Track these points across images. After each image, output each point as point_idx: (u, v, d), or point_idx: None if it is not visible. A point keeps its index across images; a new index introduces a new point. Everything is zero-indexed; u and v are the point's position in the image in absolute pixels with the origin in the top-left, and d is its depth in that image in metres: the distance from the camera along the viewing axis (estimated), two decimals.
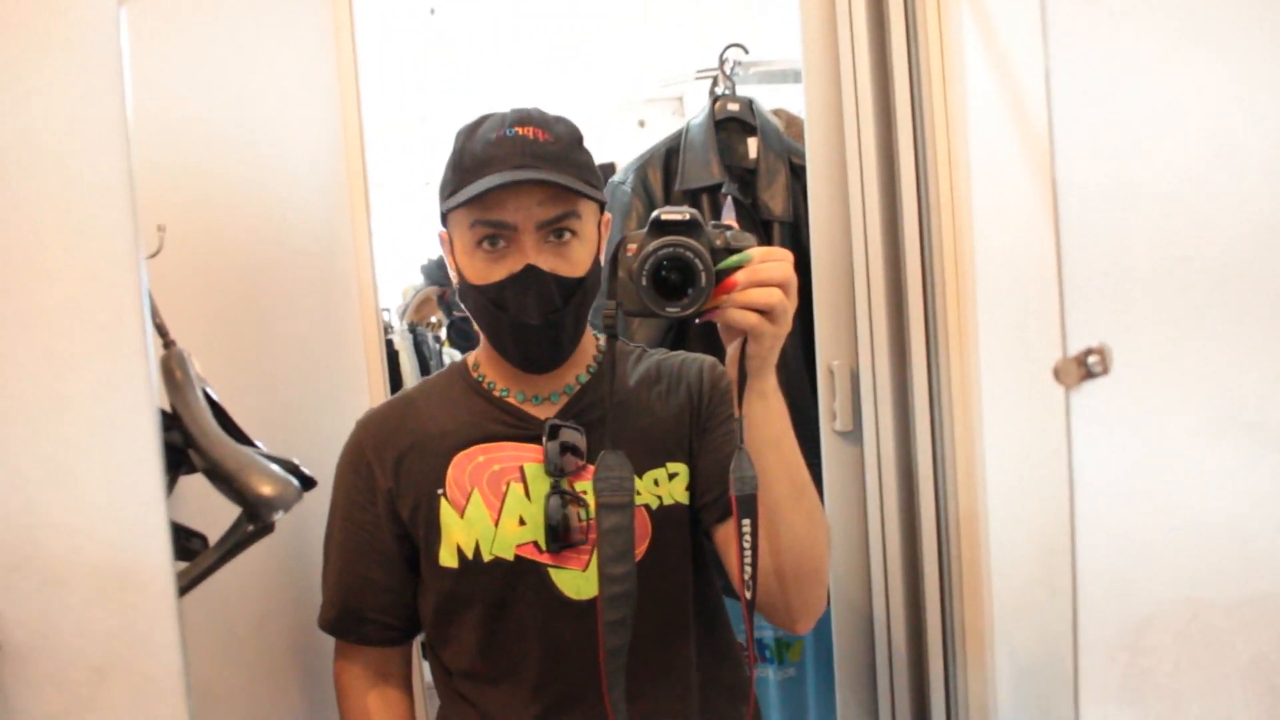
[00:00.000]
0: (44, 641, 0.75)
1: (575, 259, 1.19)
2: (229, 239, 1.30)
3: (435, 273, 4.63)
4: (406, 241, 4.64)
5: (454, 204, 1.17)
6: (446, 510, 1.22)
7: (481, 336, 1.27)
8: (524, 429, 1.24)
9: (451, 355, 4.38)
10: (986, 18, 1.41)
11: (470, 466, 1.23)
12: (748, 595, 1.06)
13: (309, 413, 1.50)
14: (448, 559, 1.22)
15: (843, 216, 1.72)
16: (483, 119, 1.22)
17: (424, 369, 4.18)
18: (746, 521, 1.05)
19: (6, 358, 0.74)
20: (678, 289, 1.02)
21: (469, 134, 1.21)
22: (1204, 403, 0.81)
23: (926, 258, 1.61)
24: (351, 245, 1.77)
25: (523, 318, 1.16)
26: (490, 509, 1.21)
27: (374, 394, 1.79)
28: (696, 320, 1.06)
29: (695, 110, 2.30)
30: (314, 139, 1.68)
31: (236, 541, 0.83)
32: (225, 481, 0.82)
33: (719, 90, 2.26)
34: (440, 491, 1.23)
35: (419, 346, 4.24)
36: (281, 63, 1.55)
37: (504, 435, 1.25)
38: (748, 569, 1.06)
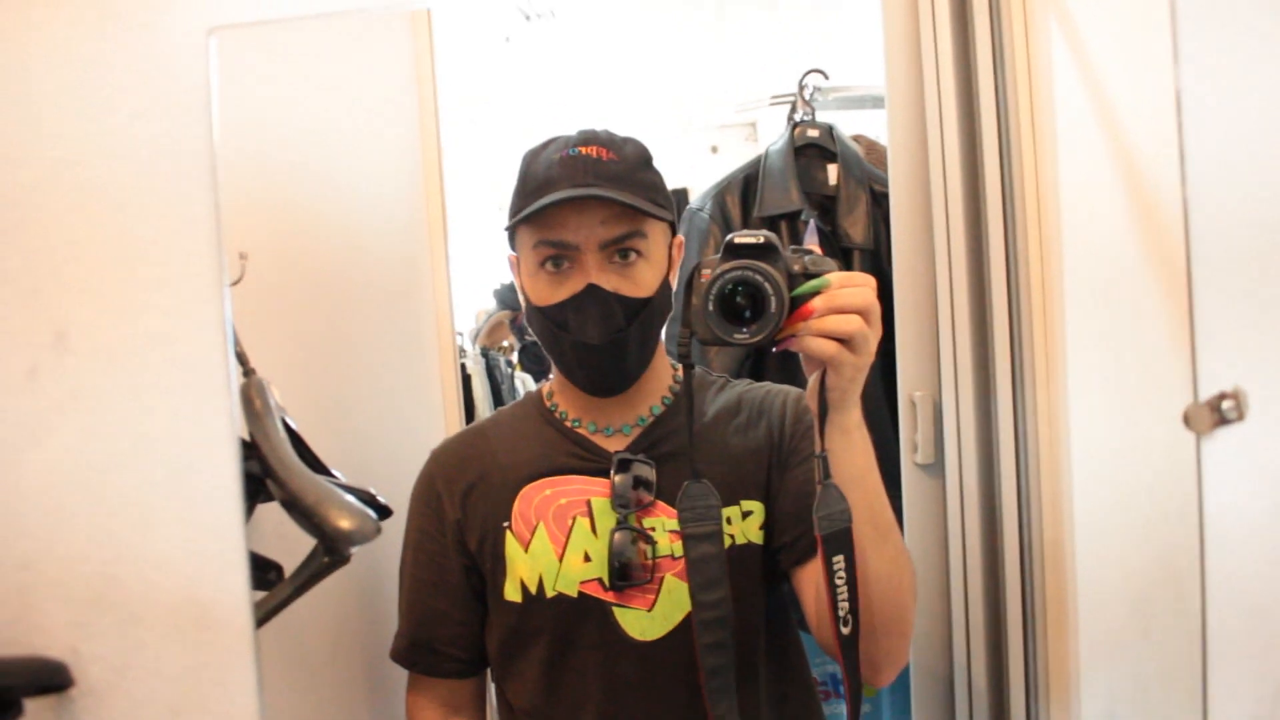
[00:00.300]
0: (120, 679, 0.74)
1: (641, 280, 1.17)
2: (309, 266, 1.31)
3: (508, 297, 4.66)
4: (481, 264, 4.68)
5: (515, 223, 1.15)
6: (512, 544, 1.20)
7: (553, 363, 1.25)
8: (594, 462, 1.22)
9: (523, 379, 4.39)
10: (1076, 37, 1.37)
11: (537, 499, 1.21)
12: (845, 631, 1.01)
13: (386, 439, 1.51)
14: (512, 593, 1.21)
15: (926, 244, 1.68)
16: (549, 141, 1.21)
17: (496, 393, 4.20)
18: (839, 558, 1.00)
19: (91, 392, 0.74)
20: (748, 314, 0.98)
21: (534, 156, 1.20)
22: None
23: (1012, 286, 1.56)
24: (429, 269, 1.78)
25: (583, 338, 1.14)
26: (555, 544, 1.19)
27: (449, 418, 1.79)
28: (773, 349, 1.01)
29: (769, 136, 2.29)
30: (394, 163, 1.70)
31: (312, 573, 0.82)
32: (303, 514, 0.81)
33: (798, 116, 2.24)
34: (506, 524, 1.21)
35: (491, 371, 4.26)
36: (364, 89, 1.57)
37: (573, 468, 1.22)
38: (843, 605, 1.00)
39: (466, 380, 3.69)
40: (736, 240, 1.00)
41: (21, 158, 0.76)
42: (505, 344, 4.77)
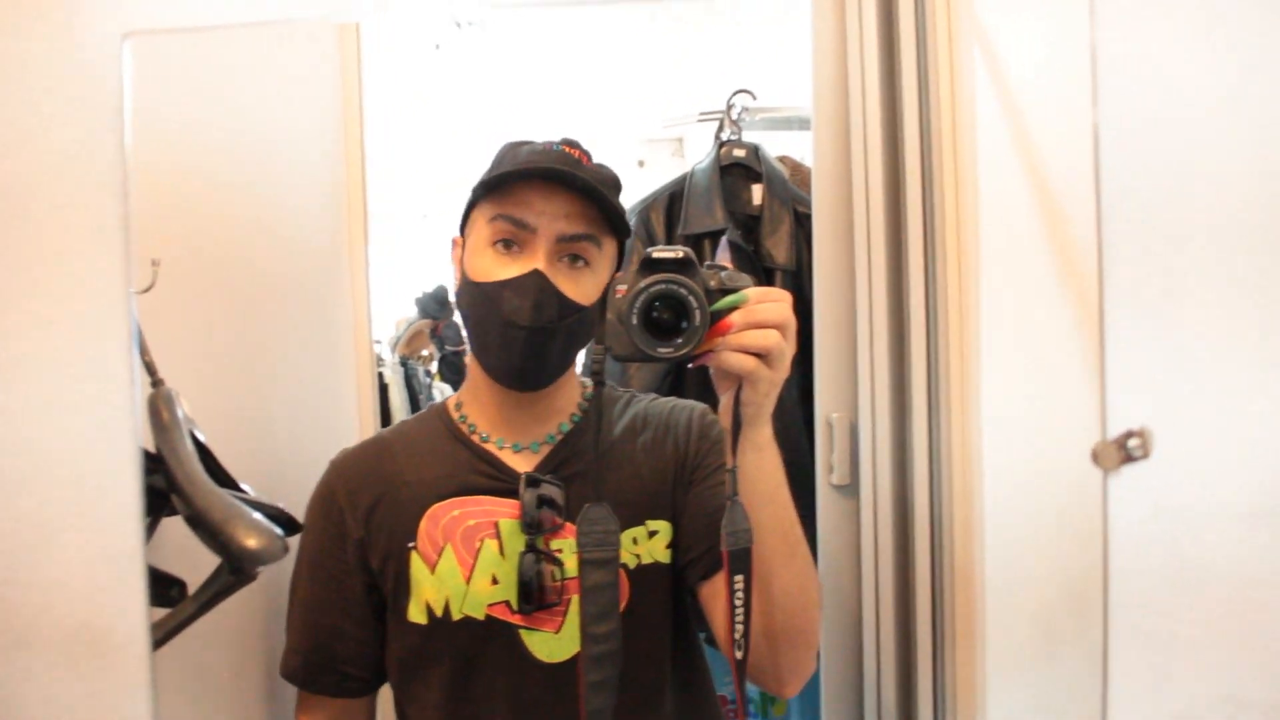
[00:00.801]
0: (4, 711, 0.71)
1: (583, 288, 1.16)
2: (226, 273, 1.28)
3: (430, 306, 4.61)
4: (402, 274, 4.63)
5: (481, 192, 1.14)
6: (418, 565, 1.18)
7: (469, 369, 1.23)
8: (502, 482, 1.20)
9: (442, 389, 4.35)
10: (998, 67, 1.40)
11: (445, 520, 1.19)
12: (738, 655, 1.02)
13: (300, 450, 1.48)
14: (416, 615, 1.18)
15: (847, 267, 1.69)
16: (530, 140, 1.20)
17: (414, 402, 4.15)
18: (739, 578, 1.01)
19: None
20: (670, 329, 0.98)
21: (514, 146, 1.20)
22: (1248, 488, 0.79)
23: (930, 311, 1.59)
24: (348, 276, 1.75)
25: (516, 318, 1.11)
26: (463, 566, 1.17)
27: (364, 428, 1.77)
28: (690, 365, 1.02)
29: (696, 152, 2.30)
30: (315, 171, 1.67)
31: (216, 592, 0.80)
32: (209, 531, 0.79)
33: (725, 135, 2.25)
34: (411, 545, 1.18)
35: (410, 380, 4.21)
36: (284, 96, 1.54)
37: (481, 488, 1.20)
38: (739, 628, 1.01)
39: (384, 390, 3.64)
40: (655, 255, 1.00)
41: None
42: (424, 353, 4.72)
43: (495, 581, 1.16)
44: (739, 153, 2.21)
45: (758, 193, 2.18)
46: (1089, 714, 0.87)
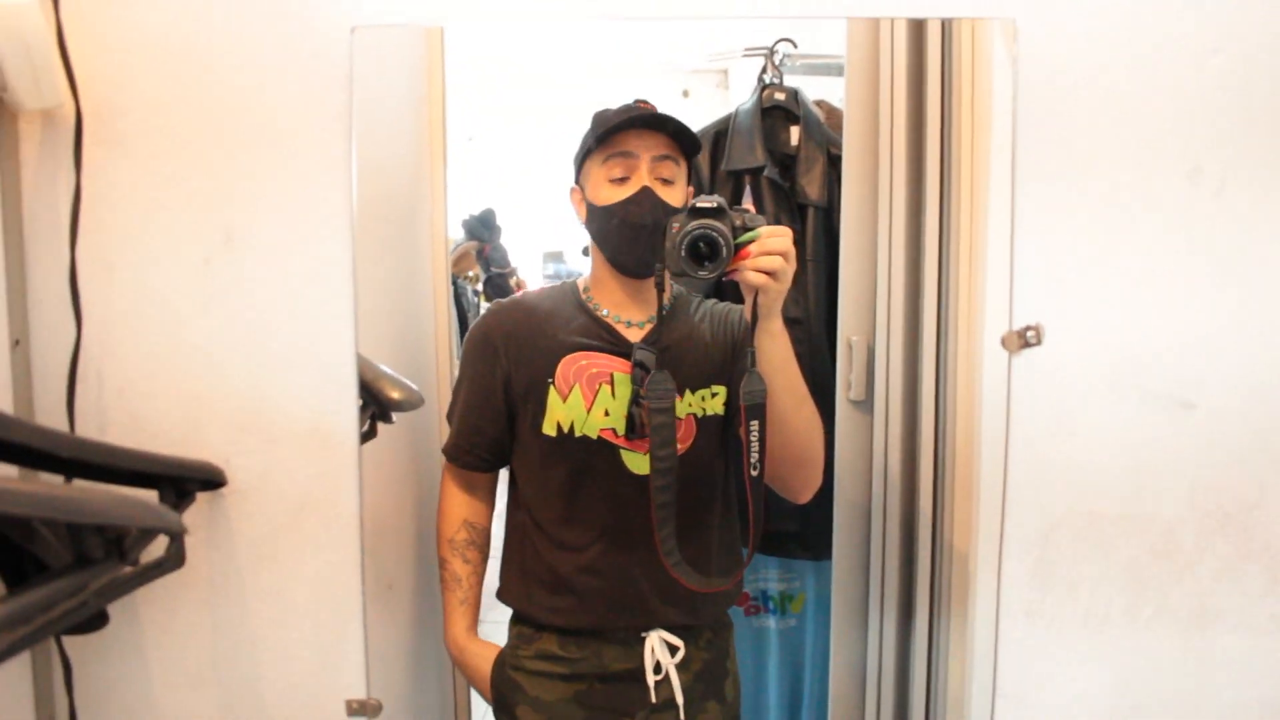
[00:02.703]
0: (261, 482, 1.02)
1: (673, 196, 1.57)
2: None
3: (477, 228, 4.78)
4: (450, 196, 4.78)
5: (594, 145, 1.57)
6: (553, 395, 1.59)
7: (592, 262, 1.67)
8: (617, 344, 1.61)
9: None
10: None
11: (575, 366, 1.60)
12: (753, 472, 1.42)
13: (384, 349, 1.70)
14: (549, 429, 1.59)
15: (871, 206, 1.88)
16: (608, 108, 1.62)
17: (462, 319, 4.36)
18: (755, 423, 1.41)
19: (250, 278, 1.01)
20: (708, 258, 1.37)
21: (602, 113, 1.61)
22: (1108, 369, 1.06)
23: (944, 249, 1.77)
24: (429, 197, 1.95)
25: (637, 220, 1.53)
26: (586, 400, 1.58)
27: (439, 333, 1.99)
28: (722, 279, 1.40)
29: (739, 85, 2.45)
30: (400, 96, 1.86)
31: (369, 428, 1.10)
32: (364, 387, 1.08)
33: (767, 79, 2.41)
34: (550, 380, 1.59)
35: (458, 298, 4.41)
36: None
37: (603, 348, 1.61)
38: (754, 454, 1.42)
39: None
40: (699, 205, 1.41)
41: (204, 103, 0.99)
42: (471, 274, 4.91)
43: (607, 414, 1.58)
44: (780, 96, 2.36)
45: (795, 134, 2.33)
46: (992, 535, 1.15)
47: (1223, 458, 1.11)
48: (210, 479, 1.03)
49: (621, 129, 1.56)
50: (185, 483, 1.00)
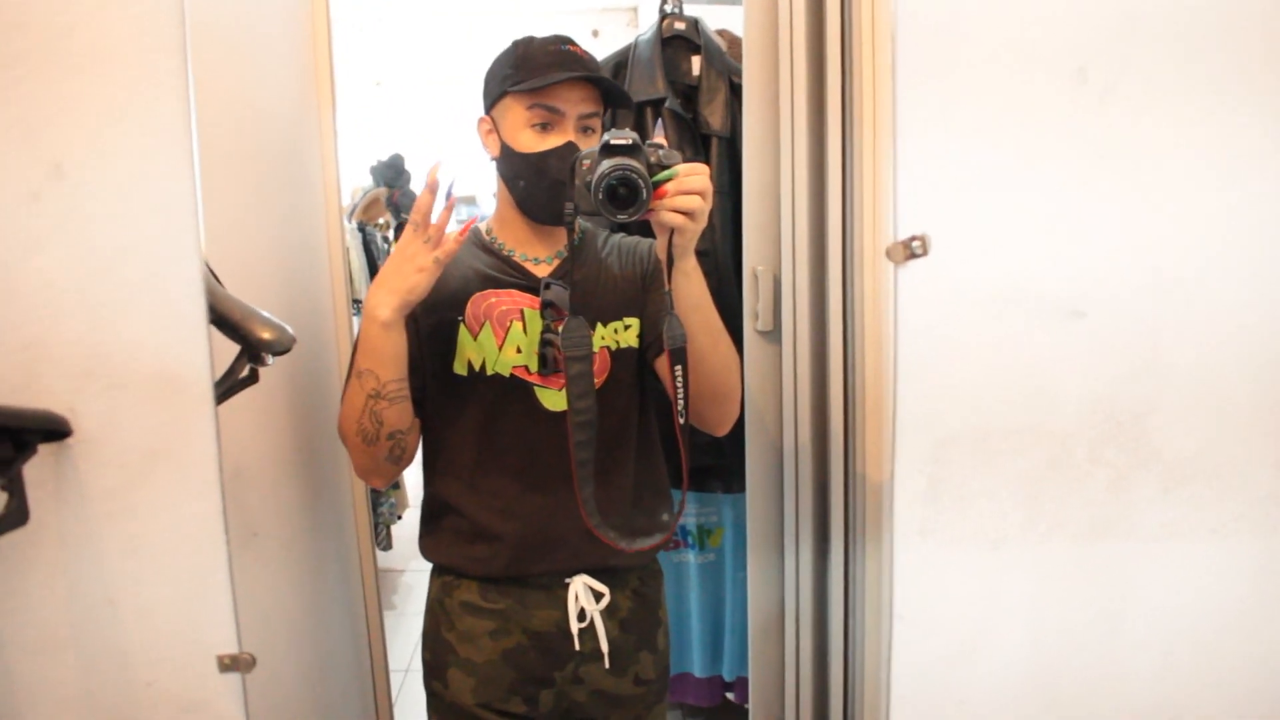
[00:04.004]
0: (108, 432, 0.95)
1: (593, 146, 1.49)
2: (209, 132, 1.42)
3: (386, 174, 4.70)
4: (356, 142, 4.69)
5: (520, 88, 1.49)
6: (464, 333, 1.55)
7: (498, 206, 1.62)
8: (526, 281, 1.58)
9: None
10: None
11: (484, 304, 1.56)
12: (681, 420, 1.41)
13: (275, 300, 1.64)
14: (459, 369, 1.55)
15: (774, 134, 1.86)
16: (532, 37, 1.56)
17: (372, 267, 4.29)
18: (679, 368, 1.40)
19: (82, 213, 0.94)
20: (626, 200, 1.31)
21: (528, 44, 1.55)
22: (996, 279, 1.05)
23: (847, 174, 1.75)
24: (317, 142, 1.88)
25: (558, 176, 1.46)
26: (497, 337, 1.55)
27: (335, 284, 1.93)
28: (636, 219, 1.33)
29: (648, 23, 2.40)
30: (280, 41, 1.78)
31: (235, 380, 1.01)
32: (231, 327, 1.00)
33: (668, 8, 2.36)
34: (460, 318, 1.55)
35: (368, 245, 4.33)
36: None
37: (511, 284, 1.57)
38: (680, 401, 1.41)
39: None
40: (612, 141, 1.33)
41: (26, 23, 0.91)
42: (381, 221, 4.83)
43: (518, 351, 1.55)
44: (680, 25, 2.33)
45: (696, 64, 2.31)
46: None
47: (1113, 367, 1.11)
48: (51, 429, 0.96)
49: (547, 81, 1.49)
50: (23, 434, 0.93)
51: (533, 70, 1.50)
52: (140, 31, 0.92)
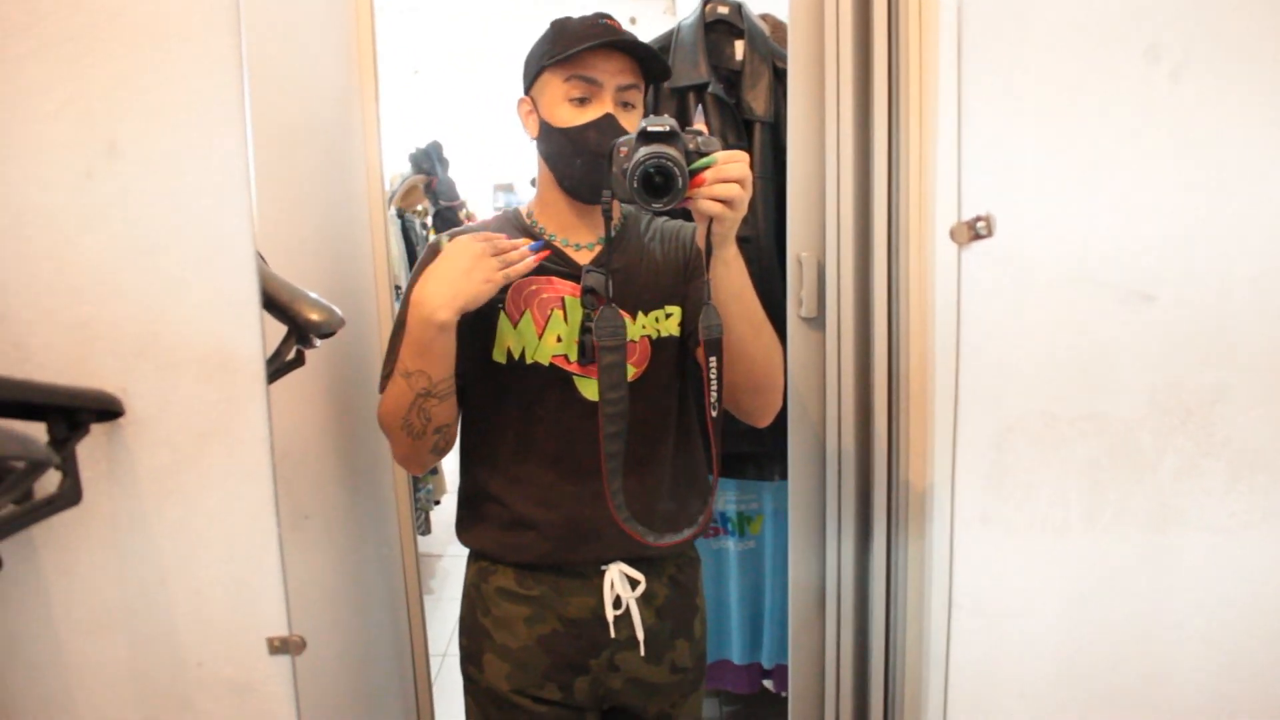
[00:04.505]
0: (160, 411, 0.96)
1: (634, 123, 1.50)
2: (267, 123, 1.43)
3: (424, 161, 4.70)
4: (395, 129, 4.69)
5: (554, 60, 1.47)
6: (504, 321, 1.54)
7: (539, 189, 1.60)
8: (567, 268, 1.56)
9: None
10: None
11: (525, 291, 1.54)
12: (713, 413, 1.40)
13: (322, 279, 1.63)
14: (499, 356, 1.55)
15: (818, 119, 1.83)
16: (568, 17, 1.54)
17: (410, 253, 4.30)
18: (713, 359, 1.38)
19: (136, 191, 0.93)
20: (662, 189, 1.29)
21: (564, 23, 1.53)
22: (1062, 261, 1.03)
23: (893, 160, 1.72)
24: (360, 129, 1.88)
25: (597, 149, 1.45)
26: (537, 325, 1.53)
27: (378, 268, 1.93)
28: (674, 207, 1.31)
29: (687, 9, 2.38)
30: (327, 26, 1.78)
31: (284, 359, 1.01)
32: (280, 309, 0.99)
33: None
34: (500, 305, 1.53)
35: (406, 232, 4.34)
36: None
37: (552, 272, 1.55)
38: (714, 393, 1.39)
39: None
40: (649, 128, 1.30)
41: (82, 2, 0.91)
42: (420, 208, 4.83)
43: (559, 340, 1.54)
44: (723, 10, 2.30)
45: (740, 49, 2.28)
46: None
47: (1183, 353, 1.08)
48: (105, 408, 0.96)
49: (583, 50, 1.47)
50: (77, 413, 0.93)
51: (569, 44, 1.48)
52: (195, 10, 0.92)
